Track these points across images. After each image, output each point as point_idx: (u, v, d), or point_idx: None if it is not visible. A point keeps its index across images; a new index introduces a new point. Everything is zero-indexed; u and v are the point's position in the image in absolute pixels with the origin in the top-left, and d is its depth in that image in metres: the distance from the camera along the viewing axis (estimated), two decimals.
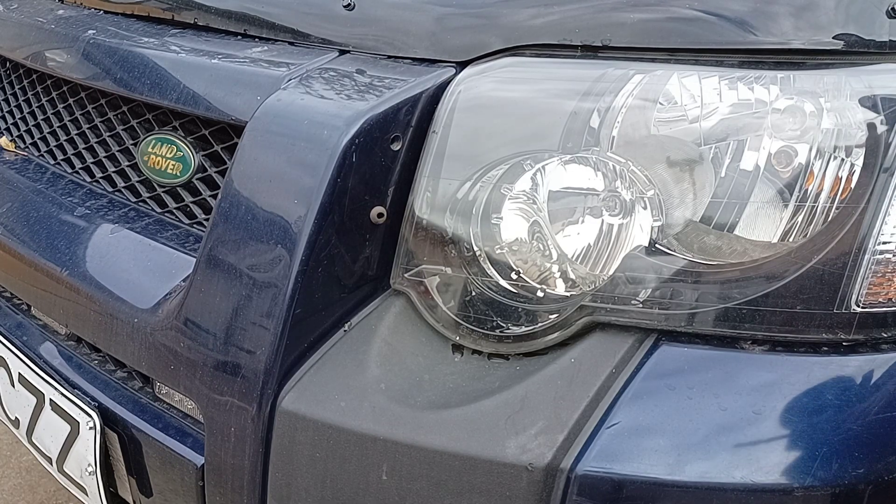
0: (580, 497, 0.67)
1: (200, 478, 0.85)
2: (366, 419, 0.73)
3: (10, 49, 1.22)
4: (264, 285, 0.76)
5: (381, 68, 0.84)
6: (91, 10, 1.18)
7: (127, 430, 0.91)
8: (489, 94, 0.77)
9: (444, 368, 0.76)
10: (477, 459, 0.69)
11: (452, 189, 0.77)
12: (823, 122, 0.69)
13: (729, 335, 0.70)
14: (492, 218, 0.75)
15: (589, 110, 0.72)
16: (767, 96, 0.69)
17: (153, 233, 0.97)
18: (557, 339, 0.72)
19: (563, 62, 0.76)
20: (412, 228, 0.78)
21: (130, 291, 0.91)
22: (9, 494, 1.74)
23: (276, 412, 0.77)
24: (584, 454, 0.67)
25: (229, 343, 0.79)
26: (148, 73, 0.96)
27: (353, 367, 0.76)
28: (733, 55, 0.72)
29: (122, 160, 1.06)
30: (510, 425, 0.69)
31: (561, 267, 0.74)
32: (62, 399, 0.96)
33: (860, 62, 0.71)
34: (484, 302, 0.75)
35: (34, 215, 1.06)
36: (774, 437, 0.66)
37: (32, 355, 1.04)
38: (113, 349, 0.94)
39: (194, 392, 0.83)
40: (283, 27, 0.94)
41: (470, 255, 0.76)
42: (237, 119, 0.85)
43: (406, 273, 0.79)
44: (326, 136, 0.75)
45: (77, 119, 1.13)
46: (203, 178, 0.96)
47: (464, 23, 0.81)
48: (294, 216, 0.75)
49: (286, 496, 0.78)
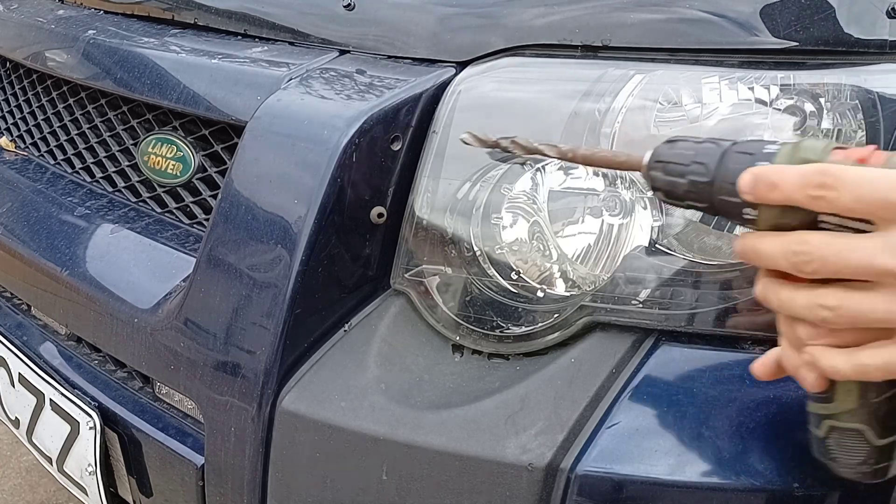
0: (580, 497, 0.67)
1: (200, 478, 0.85)
2: (366, 419, 0.73)
3: (10, 49, 1.22)
4: (264, 285, 0.76)
5: (381, 68, 0.84)
6: (91, 10, 1.18)
7: (127, 430, 0.91)
8: (489, 93, 0.77)
9: (444, 368, 0.76)
10: (477, 459, 0.69)
11: (452, 189, 0.77)
12: (823, 122, 0.69)
13: (729, 335, 0.70)
14: (492, 218, 0.75)
15: (589, 110, 0.72)
16: (767, 96, 0.69)
17: (153, 233, 0.97)
18: (557, 339, 0.72)
19: (563, 62, 0.76)
20: (412, 228, 0.78)
21: (130, 291, 0.91)
22: (9, 494, 1.74)
23: (276, 412, 0.77)
24: (585, 454, 0.67)
25: (229, 343, 0.79)
26: (148, 73, 0.96)
27: (353, 367, 0.76)
28: (733, 55, 0.72)
29: (122, 160, 1.06)
30: (510, 425, 0.69)
31: (561, 267, 0.74)
32: (62, 399, 0.96)
33: (860, 62, 0.71)
34: (484, 302, 0.75)
35: (34, 215, 1.06)
36: (775, 437, 0.66)
37: (32, 355, 1.04)
38: (113, 349, 0.94)
39: (194, 392, 0.83)
40: (284, 27, 0.94)
41: (470, 255, 0.76)
42: (237, 119, 0.85)
43: (406, 273, 0.79)
44: (326, 136, 0.75)
45: (77, 119, 1.13)
46: (203, 178, 0.96)
47: (464, 23, 0.82)
48: (294, 216, 0.75)
49: (286, 496, 0.78)
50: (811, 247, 0.47)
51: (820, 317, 0.48)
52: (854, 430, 0.54)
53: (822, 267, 0.47)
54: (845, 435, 0.55)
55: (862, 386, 0.52)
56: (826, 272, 0.47)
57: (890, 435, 0.54)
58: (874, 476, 0.56)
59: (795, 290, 0.50)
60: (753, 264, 0.52)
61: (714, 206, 0.52)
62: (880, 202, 0.45)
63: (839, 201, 0.46)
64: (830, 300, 0.47)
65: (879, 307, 0.46)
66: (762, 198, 0.49)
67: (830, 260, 0.46)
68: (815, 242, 0.47)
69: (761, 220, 0.50)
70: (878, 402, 0.52)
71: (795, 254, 0.48)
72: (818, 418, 0.56)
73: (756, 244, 0.50)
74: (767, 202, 0.49)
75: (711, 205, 0.53)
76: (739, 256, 0.52)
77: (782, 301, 0.51)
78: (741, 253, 0.51)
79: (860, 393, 0.53)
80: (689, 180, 0.53)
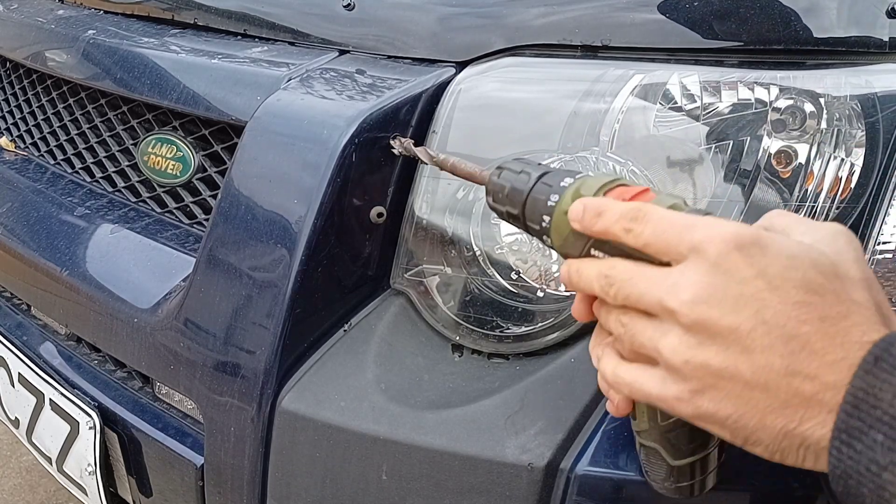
0: (580, 497, 0.67)
1: (200, 478, 0.85)
2: (366, 419, 0.73)
3: (10, 49, 1.22)
4: (264, 285, 0.76)
5: (381, 68, 0.84)
6: (91, 10, 1.18)
7: (127, 430, 0.91)
8: (489, 93, 0.77)
9: (444, 368, 0.76)
10: (477, 459, 0.69)
11: (452, 189, 0.77)
12: (822, 122, 0.69)
13: None
14: (491, 218, 0.75)
15: (589, 110, 0.72)
16: (767, 96, 0.69)
17: (153, 233, 0.97)
18: (557, 339, 0.72)
19: (563, 62, 0.76)
20: (412, 228, 0.78)
21: (130, 291, 0.91)
22: (9, 494, 1.74)
23: (275, 412, 0.77)
24: (585, 454, 0.67)
25: (229, 343, 0.79)
26: (148, 73, 0.96)
27: (353, 366, 0.76)
28: (733, 55, 0.72)
29: (122, 160, 1.06)
30: (510, 425, 0.69)
31: (561, 267, 0.74)
32: (62, 399, 0.96)
33: (860, 62, 0.71)
34: (484, 302, 0.75)
35: (34, 215, 1.06)
36: None
37: (32, 355, 1.04)
38: (113, 349, 0.94)
39: (194, 392, 0.83)
40: (283, 27, 0.94)
41: (470, 255, 0.76)
42: (237, 119, 0.85)
43: (406, 273, 0.79)
44: (326, 136, 0.75)
45: (77, 119, 1.13)
46: (203, 178, 0.96)
47: (464, 23, 0.82)
48: (294, 216, 0.75)
49: (286, 496, 0.78)
50: (616, 272, 0.51)
51: (617, 331, 0.52)
52: (653, 448, 0.58)
53: (618, 292, 0.50)
54: (649, 452, 0.59)
55: (649, 408, 0.56)
56: (621, 297, 0.50)
57: (683, 457, 0.57)
58: (679, 492, 0.59)
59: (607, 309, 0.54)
60: (574, 288, 0.55)
61: (527, 231, 0.60)
62: (672, 241, 0.48)
63: (642, 236, 0.49)
64: (624, 318, 0.51)
65: (647, 334, 0.49)
66: (587, 226, 0.52)
67: (625, 287, 0.50)
68: (620, 268, 0.51)
69: (555, 246, 0.57)
70: (667, 426, 0.56)
71: (605, 277, 0.51)
72: (635, 435, 0.60)
73: (580, 266, 0.54)
74: (591, 231, 0.52)
75: (526, 230, 0.60)
76: (562, 278, 0.56)
77: (598, 312, 0.55)
78: (566, 275, 0.55)
79: (650, 415, 0.57)
80: (506, 210, 0.60)
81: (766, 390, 0.45)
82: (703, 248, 0.46)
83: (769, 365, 0.45)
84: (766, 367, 0.45)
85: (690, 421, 0.49)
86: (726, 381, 0.46)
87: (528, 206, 0.58)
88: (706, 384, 0.46)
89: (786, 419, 0.45)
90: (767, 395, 0.45)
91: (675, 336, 0.47)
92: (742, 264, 0.46)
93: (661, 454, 0.58)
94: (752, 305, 0.45)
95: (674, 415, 0.51)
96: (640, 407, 0.57)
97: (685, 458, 0.57)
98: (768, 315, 0.45)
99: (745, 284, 0.45)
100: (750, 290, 0.45)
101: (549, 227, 0.56)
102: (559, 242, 0.56)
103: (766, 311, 0.45)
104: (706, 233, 0.47)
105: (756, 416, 0.45)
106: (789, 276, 0.46)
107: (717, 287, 0.46)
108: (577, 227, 0.53)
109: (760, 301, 0.45)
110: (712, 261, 0.46)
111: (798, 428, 0.45)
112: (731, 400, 0.46)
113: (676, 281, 0.47)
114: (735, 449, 0.49)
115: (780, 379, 0.45)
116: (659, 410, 0.56)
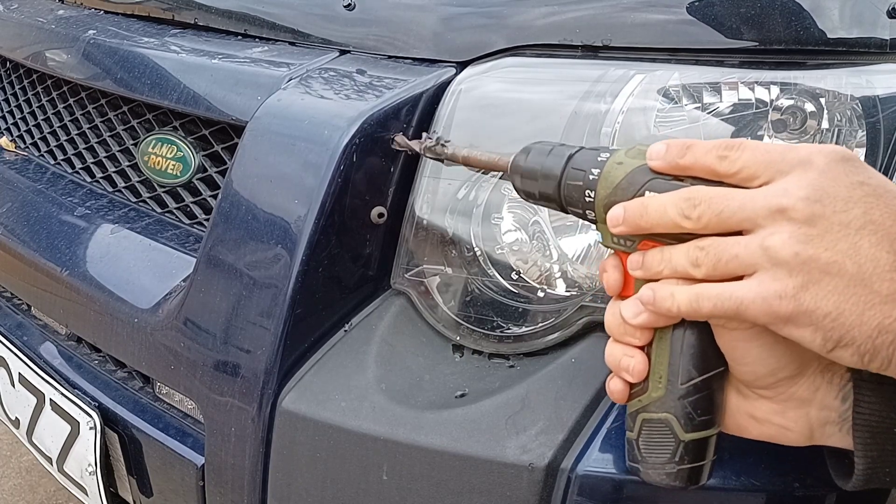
0: (581, 497, 0.67)
1: (200, 478, 0.85)
2: (366, 419, 0.73)
3: (10, 49, 1.22)
4: (264, 285, 0.76)
5: (381, 68, 0.84)
6: (91, 10, 1.18)
7: (127, 430, 0.91)
8: (490, 93, 0.77)
9: (445, 368, 0.76)
10: (477, 459, 0.69)
11: (453, 189, 0.77)
12: (823, 122, 0.69)
13: None
14: (492, 218, 0.75)
15: (590, 110, 0.72)
16: (767, 96, 0.69)
17: (153, 233, 0.97)
18: (558, 339, 0.72)
19: (564, 62, 0.76)
20: (412, 228, 0.78)
21: (130, 291, 0.91)
22: (9, 494, 1.74)
23: (276, 412, 0.77)
24: (585, 454, 0.67)
25: (229, 343, 0.79)
26: (148, 73, 0.96)
27: (354, 367, 0.76)
28: (733, 55, 0.72)
29: (122, 160, 1.06)
30: (510, 425, 0.69)
31: (561, 267, 0.74)
32: (62, 399, 0.96)
33: (860, 62, 0.71)
34: (484, 302, 0.75)
35: (34, 215, 1.06)
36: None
37: (32, 355, 1.04)
38: (113, 349, 0.94)
39: (194, 392, 0.83)
40: (284, 27, 0.94)
41: (470, 255, 0.76)
42: (237, 119, 0.85)
43: (406, 273, 0.79)
44: (327, 136, 0.75)
45: (77, 119, 1.13)
46: (203, 178, 0.96)
47: (465, 23, 0.82)
48: (294, 216, 0.75)
49: (286, 496, 0.78)
50: (700, 194, 0.52)
51: (692, 256, 0.53)
52: (661, 422, 0.57)
53: (707, 209, 0.52)
54: (654, 429, 0.58)
55: (670, 371, 0.56)
56: (712, 213, 0.52)
57: (696, 430, 0.57)
58: (678, 477, 0.58)
59: (674, 247, 0.55)
60: (639, 225, 0.55)
61: (564, 209, 0.60)
62: (774, 159, 0.51)
63: (739, 161, 0.52)
64: (702, 243, 0.52)
65: (739, 246, 0.51)
66: (673, 159, 0.54)
67: (715, 203, 0.52)
68: (703, 191, 0.53)
69: (599, 198, 0.57)
70: (686, 389, 0.56)
71: (686, 199, 0.53)
72: (632, 417, 0.60)
73: (644, 200, 0.55)
74: (678, 164, 0.54)
75: (561, 208, 0.60)
76: (624, 219, 0.55)
77: (663, 257, 0.55)
78: (633, 210, 0.55)
79: (668, 378, 0.56)
80: (539, 191, 0.61)
81: (868, 285, 0.48)
82: (811, 160, 0.50)
83: (876, 259, 0.48)
84: (873, 262, 0.48)
85: (782, 325, 0.50)
86: (831, 277, 0.48)
87: (572, 166, 0.59)
88: (811, 279, 0.49)
89: (883, 315, 0.48)
90: (869, 291, 0.48)
91: (784, 233, 0.49)
92: (849, 171, 0.50)
93: (671, 427, 0.57)
94: (860, 206, 0.49)
95: (764, 320, 0.50)
96: (656, 371, 0.57)
97: (697, 431, 0.57)
98: (875, 215, 0.49)
99: (853, 189, 0.49)
100: (858, 194, 0.49)
101: (596, 180, 0.57)
102: (605, 192, 0.56)
103: (873, 212, 0.49)
104: (811, 148, 0.51)
105: (855, 312, 0.48)
106: (889, 188, 0.50)
107: (828, 188, 0.49)
108: (655, 164, 0.55)
109: (867, 203, 0.49)
110: (821, 168, 0.50)
111: (894, 323, 0.47)
112: (834, 296, 0.48)
113: (786, 186, 0.50)
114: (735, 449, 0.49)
115: (884, 273, 0.48)
116: (680, 370, 0.56)
